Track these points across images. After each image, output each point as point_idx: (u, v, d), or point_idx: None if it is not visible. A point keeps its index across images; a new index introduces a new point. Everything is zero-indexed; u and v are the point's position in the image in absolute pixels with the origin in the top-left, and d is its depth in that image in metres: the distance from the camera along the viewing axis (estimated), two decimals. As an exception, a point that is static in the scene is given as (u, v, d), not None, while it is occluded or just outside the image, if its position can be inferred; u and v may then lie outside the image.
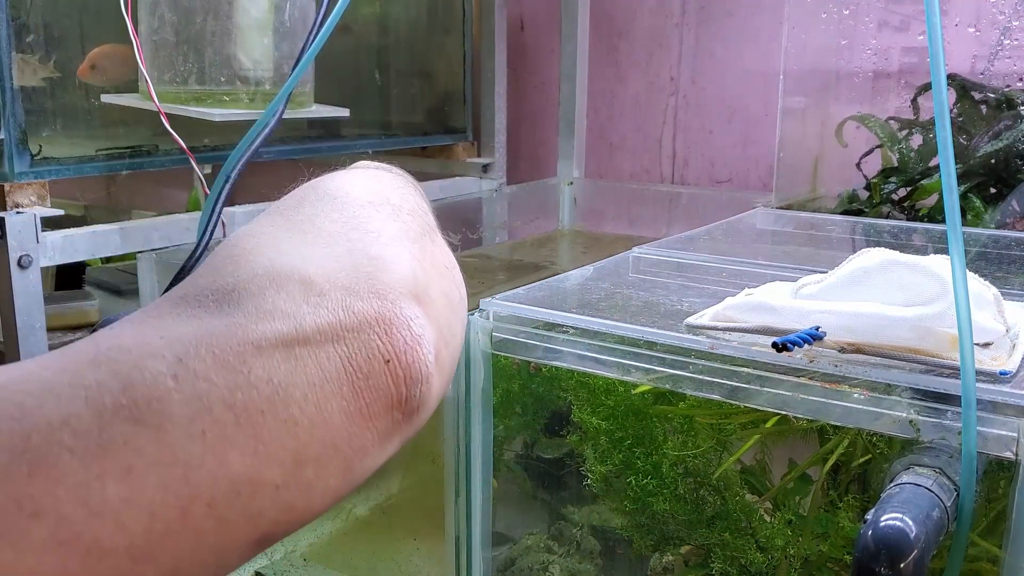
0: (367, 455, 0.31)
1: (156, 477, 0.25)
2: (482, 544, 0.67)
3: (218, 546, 0.26)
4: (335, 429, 0.29)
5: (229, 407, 0.27)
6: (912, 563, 0.41)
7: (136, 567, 0.24)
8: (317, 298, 0.31)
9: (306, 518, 0.29)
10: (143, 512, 0.24)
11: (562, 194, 1.53)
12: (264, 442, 0.27)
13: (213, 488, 0.26)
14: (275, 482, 0.27)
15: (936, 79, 0.46)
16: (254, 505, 0.27)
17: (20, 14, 0.87)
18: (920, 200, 1.09)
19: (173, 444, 0.25)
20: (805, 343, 0.50)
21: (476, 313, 0.64)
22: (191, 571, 0.26)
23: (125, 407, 0.25)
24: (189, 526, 0.25)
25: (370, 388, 0.30)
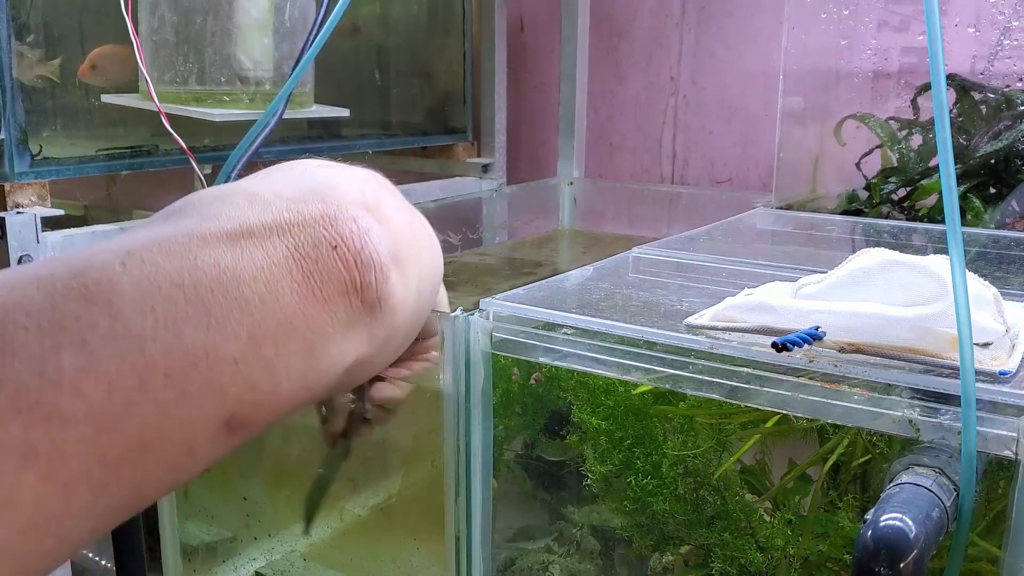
0: (329, 340, 0.31)
1: (110, 349, 0.26)
2: (482, 544, 0.67)
3: (184, 421, 0.27)
4: (288, 308, 0.30)
5: (178, 286, 0.28)
6: (912, 563, 0.41)
7: (101, 436, 0.25)
8: (262, 205, 0.32)
9: (276, 402, 0.30)
10: (100, 381, 0.25)
11: (562, 194, 1.53)
12: (216, 317, 0.28)
13: (168, 359, 0.26)
14: (232, 356, 0.28)
15: (936, 79, 0.46)
16: (214, 378, 0.27)
17: (20, 14, 0.87)
18: (920, 200, 1.09)
19: (125, 319, 0.26)
20: (805, 343, 0.50)
21: (476, 313, 0.64)
22: (160, 447, 0.27)
23: (75, 288, 0.26)
24: (150, 396, 0.26)
25: (319, 271, 0.31)
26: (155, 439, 0.26)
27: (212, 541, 0.98)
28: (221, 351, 0.28)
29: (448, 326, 0.62)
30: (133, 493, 0.27)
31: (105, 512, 0.26)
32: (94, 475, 0.25)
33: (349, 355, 0.33)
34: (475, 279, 1.19)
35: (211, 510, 0.97)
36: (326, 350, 0.31)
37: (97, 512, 0.26)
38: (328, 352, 0.32)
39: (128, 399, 0.26)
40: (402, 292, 0.35)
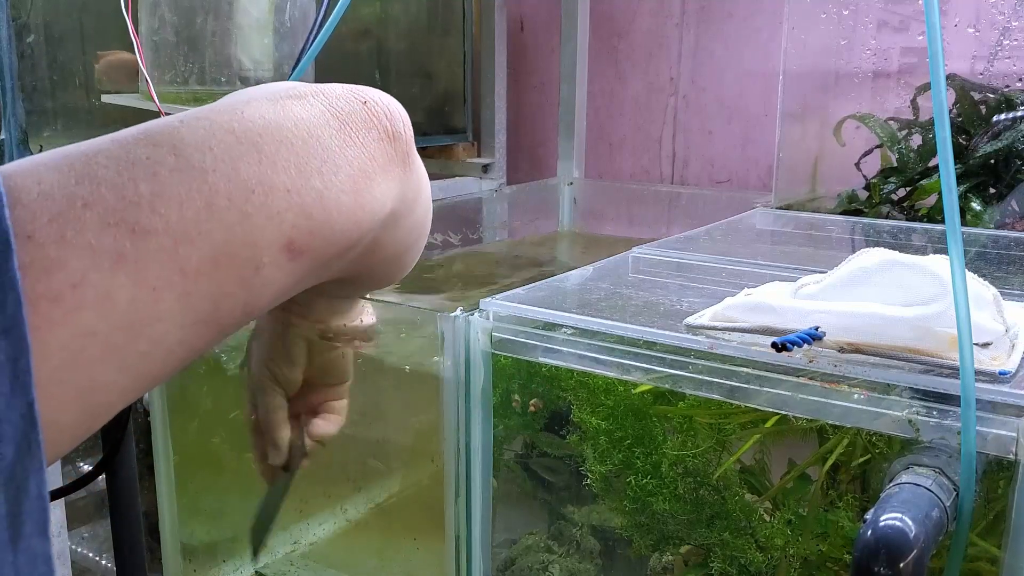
0: (371, 180, 0.36)
1: (177, 178, 0.30)
2: (482, 544, 0.67)
3: (248, 240, 0.31)
4: (330, 149, 0.34)
5: (230, 132, 0.32)
6: (911, 563, 0.41)
7: (178, 247, 0.29)
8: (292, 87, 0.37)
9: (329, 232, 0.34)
10: (172, 203, 0.29)
11: (562, 194, 1.53)
12: (266, 154, 0.32)
13: (228, 186, 0.31)
14: (285, 186, 0.32)
15: (936, 79, 0.46)
16: (271, 204, 0.32)
17: (20, 14, 0.87)
18: (920, 200, 1.09)
19: (187, 156, 0.31)
20: (805, 343, 0.50)
21: (476, 313, 0.64)
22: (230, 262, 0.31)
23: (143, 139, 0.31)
24: (216, 217, 0.30)
25: (354, 121, 0.36)
26: (225, 254, 0.31)
27: (212, 541, 0.99)
28: (274, 181, 0.32)
29: (448, 326, 0.62)
30: (212, 306, 0.31)
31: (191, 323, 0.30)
32: (176, 282, 0.29)
33: (388, 202, 0.37)
34: (474, 279, 1.19)
35: (211, 510, 0.97)
36: (369, 189, 0.36)
37: (183, 322, 0.30)
38: (372, 192, 0.36)
39: (197, 217, 0.30)
40: (419, 161, 0.40)
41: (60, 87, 0.94)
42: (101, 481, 0.77)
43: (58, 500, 1.01)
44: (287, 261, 0.33)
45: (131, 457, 0.76)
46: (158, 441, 0.93)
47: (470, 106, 1.52)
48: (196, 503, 0.96)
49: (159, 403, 0.93)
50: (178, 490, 0.95)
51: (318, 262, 0.35)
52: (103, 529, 1.30)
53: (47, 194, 0.28)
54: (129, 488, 0.76)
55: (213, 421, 0.97)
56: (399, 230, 0.41)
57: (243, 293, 0.32)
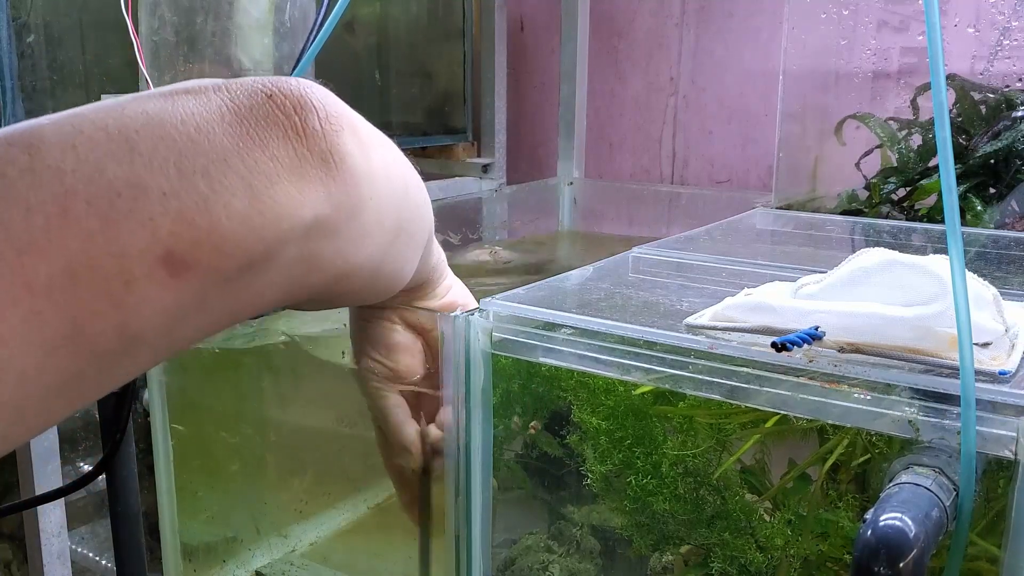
0: (273, 183, 0.31)
1: (28, 179, 0.26)
2: (482, 544, 0.67)
3: (113, 250, 0.27)
4: (221, 148, 0.30)
5: (102, 128, 0.28)
6: (911, 563, 0.41)
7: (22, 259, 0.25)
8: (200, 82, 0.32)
9: (218, 242, 0.29)
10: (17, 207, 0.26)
11: (562, 194, 1.53)
12: (140, 152, 0.28)
13: (88, 188, 0.27)
14: (161, 189, 0.28)
15: (935, 79, 0.46)
16: (140, 209, 0.27)
17: (20, 14, 0.87)
18: (920, 200, 1.09)
19: (43, 155, 0.27)
20: (804, 343, 0.50)
21: (476, 313, 0.64)
22: (91, 275, 0.27)
23: (3, 138, 0.27)
24: (71, 223, 0.26)
25: (253, 116, 0.31)
26: (84, 267, 0.26)
27: (212, 541, 0.99)
28: (147, 183, 0.28)
29: (448, 326, 0.62)
30: (73, 328, 0.27)
31: (48, 348, 0.26)
32: (22, 298, 0.25)
33: (304, 208, 0.32)
34: (474, 279, 1.19)
35: (211, 510, 0.97)
36: (270, 194, 0.31)
37: (37, 346, 0.26)
38: (273, 196, 0.31)
39: (48, 225, 0.26)
40: (362, 160, 0.35)
41: (60, 87, 0.94)
42: (101, 481, 0.77)
43: (58, 500, 1.01)
44: (167, 276, 0.28)
45: (131, 457, 0.76)
46: (158, 441, 0.93)
47: (470, 106, 1.52)
48: (196, 503, 0.96)
49: (159, 403, 0.93)
50: (178, 490, 0.95)
51: (214, 279, 0.30)
52: (103, 529, 1.30)
53: None
54: (129, 488, 0.76)
55: (213, 421, 0.97)
56: (341, 240, 0.35)
57: (114, 313, 0.27)
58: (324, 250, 0.34)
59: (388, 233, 0.38)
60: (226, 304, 0.31)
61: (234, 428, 0.97)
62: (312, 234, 0.33)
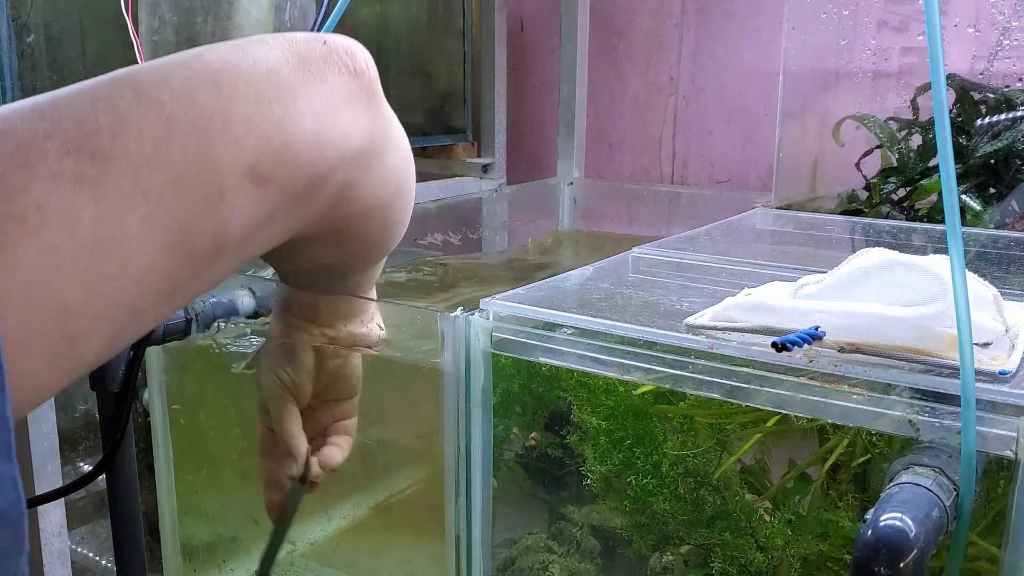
0: (333, 112, 0.36)
1: (136, 109, 0.31)
2: (482, 544, 0.67)
3: (209, 164, 0.32)
4: (289, 82, 0.35)
5: (188, 69, 0.33)
6: (912, 563, 0.41)
7: (139, 171, 0.30)
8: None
9: (291, 159, 0.34)
10: (131, 130, 0.31)
11: (562, 194, 1.53)
12: (223, 87, 0.33)
13: (187, 115, 0.32)
14: (244, 114, 0.33)
15: (936, 79, 0.46)
16: (229, 131, 0.33)
17: (20, 14, 0.87)
18: (919, 200, 1.09)
19: (145, 91, 0.32)
20: (805, 343, 0.50)
21: (476, 313, 0.64)
22: (193, 186, 0.32)
23: (105, 81, 0.32)
24: (175, 142, 0.31)
25: (313, 58, 0.37)
26: (187, 178, 0.31)
27: (212, 541, 0.98)
28: (232, 110, 0.33)
29: (448, 326, 0.62)
30: (179, 232, 0.31)
31: (158, 249, 0.31)
32: (139, 205, 0.30)
33: (355, 136, 0.37)
34: (474, 279, 1.19)
35: (211, 510, 0.97)
36: (331, 120, 0.36)
37: (150, 247, 0.31)
38: (333, 123, 0.36)
39: (156, 143, 0.31)
40: (389, 115, 0.41)
41: (60, 87, 0.94)
42: (101, 481, 0.77)
43: (58, 500, 1.01)
44: (252, 187, 0.33)
45: (131, 457, 0.76)
46: (158, 441, 0.93)
47: (470, 106, 1.52)
48: (196, 503, 0.96)
49: (159, 403, 0.93)
50: (178, 490, 0.95)
51: (287, 193, 0.35)
52: (103, 529, 1.30)
53: (11, 130, 0.29)
54: (129, 488, 0.76)
55: (213, 421, 0.97)
56: (372, 174, 0.40)
57: (210, 220, 0.32)
58: (359, 180, 0.39)
59: (400, 181, 0.44)
60: (288, 219, 0.37)
61: (234, 428, 0.97)
62: (355, 161, 0.38)
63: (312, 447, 0.57)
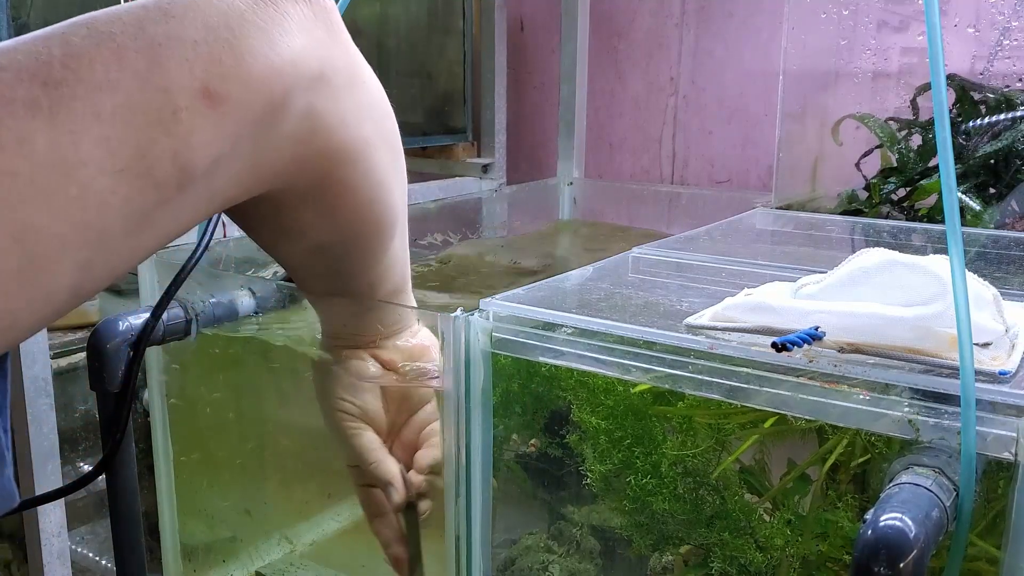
0: (286, 33, 0.37)
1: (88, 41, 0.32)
2: (482, 544, 0.67)
3: (161, 86, 0.33)
4: (239, 8, 0.35)
5: (140, 6, 0.34)
6: (911, 563, 0.41)
7: (92, 95, 0.31)
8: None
9: (244, 76, 0.35)
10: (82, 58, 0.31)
11: (562, 194, 1.53)
12: (173, 15, 0.34)
13: (136, 43, 0.33)
14: (192, 38, 0.34)
15: (935, 79, 0.46)
16: (177, 53, 0.33)
17: (20, 14, 0.87)
18: (920, 200, 1.09)
19: (97, 27, 0.33)
20: (804, 343, 0.50)
21: (476, 313, 0.64)
22: (147, 106, 0.32)
23: (62, 24, 0.33)
24: (126, 67, 0.32)
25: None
26: (139, 100, 0.32)
27: (212, 541, 0.99)
28: (181, 35, 0.34)
29: (448, 326, 0.62)
30: (137, 153, 0.32)
31: (117, 169, 0.31)
32: (92, 127, 0.31)
33: (312, 58, 0.38)
34: (474, 279, 1.19)
35: (211, 510, 0.97)
36: (285, 40, 0.36)
37: (109, 168, 0.31)
38: (287, 42, 0.37)
39: (107, 69, 0.32)
40: (353, 44, 0.41)
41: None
42: (101, 481, 0.77)
43: (58, 500, 1.01)
44: (207, 108, 0.34)
45: (131, 457, 0.76)
46: (158, 441, 0.93)
47: (470, 106, 1.52)
48: (196, 503, 0.96)
49: (159, 403, 0.93)
50: (178, 490, 0.95)
51: (245, 114, 0.35)
52: (103, 529, 1.30)
53: None
54: (129, 488, 0.76)
55: (213, 421, 0.97)
56: (340, 105, 0.40)
57: (167, 140, 0.33)
58: (326, 110, 0.39)
59: (379, 125, 0.43)
60: (254, 149, 0.37)
61: (234, 428, 0.97)
62: (317, 87, 0.38)
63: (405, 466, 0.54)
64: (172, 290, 0.66)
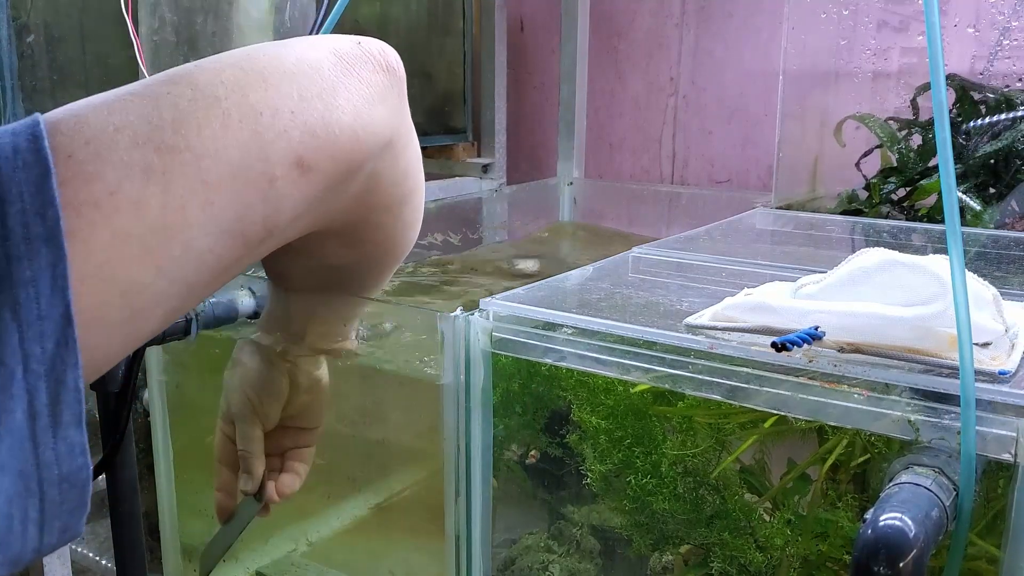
0: (370, 104, 0.39)
1: (195, 106, 0.34)
2: (482, 544, 0.67)
3: (261, 155, 0.35)
4: (329, 79, 0.38)
5: (239, 68, 0.36)
6: (911, 563, 0.41)
7: (200, 161, 0.33)
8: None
9: (333, 148, 0.37)
10: (191, 124, 0.34)
11: (562, 194, 1.53)
12: (271, 84, 0.36)
13: (239, 110, 0.35)
14: (290, 108, 0.36)
15: (935, 79, 0.46)
16: (278, 124, 0.36)
17: (20, 14, 0.87)
18: (919, 200, 1.09)
19: (202, 89, 0.35)
20: (804, 343, 0.50)
21: (476, 313, 0.64)
22: (246, 175, 0.34)
23: (165, 80, 0.35)
24: (231, 135, 0.34)
25: (351, 56, 0.40)
26: (241, 167, 0.34)
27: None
28: (279, 105, 0.36)
29: (448, 326, 0.62)
30: (235, 216, 0.34)
31: (217, 232, 0.34)
32: (199, 192, 0.33)
33: (387, 128, 0.41)
34: (473, 279, 1.19)
35: (211, 510, 0.97)
36: (368, 112, 0.39)
37: (210, 230, 0.33)
38: (370, 114, 0.39)
39: (214, 136, 0.34)
40: (408, 115, 0.44)
41: (60, 87, 0.94)
42: (101, 481, 0.77)
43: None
44: (299, 176, 0.36)
45: (131, 457, 0.76)
46: (158, 441, 0.93)
47: (470, 106, 1.52)
48: (196, 503, 0.96)
49: (159, 403, 0.93)
50: (178, 490, 0.95)
51: (328, 181, 0.38)
52: (103, 529, 1.30)
53: (84, 123, 0.32)
54: (129, 488, 0.76)
55: (213, 421, 0.97)
56: (397, 166, 0.43)
57: (262, 205, 0.35)
58: (386, 171, 0.42)
59: (417, 178, 0.47)
60: (324, 207, 0.39)
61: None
62: (384, 153, 0.41)
63: (268, 467, 0.58)
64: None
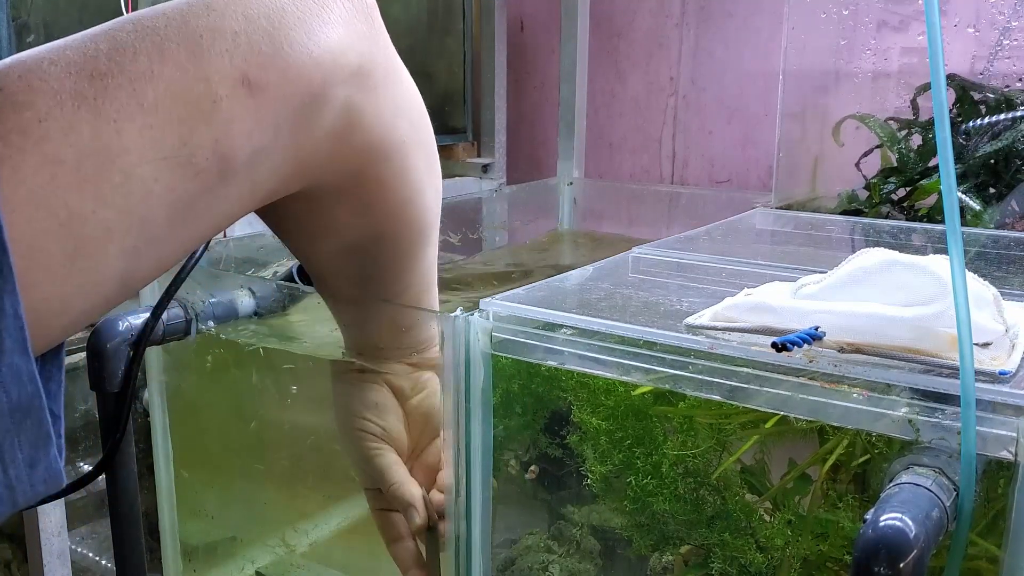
0: (325, 23, 0.37)
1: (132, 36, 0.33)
2: (482, 544, 0.67)
3: (199, 75, 0.33)
4: (281, 2, 0.36)
5: (185, 3, 0.35)
6: (912, 563, 0.41)
7: (133, 85, 0.32)
8: None
9: (282, 65, 0.35)
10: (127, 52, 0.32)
11: (562, 194, 1.53)
12: (215, 8, 0.35)
13: (179, 35, 0.34)
14: (232, 29, 0.35)
15: (936, 79, 0.46)
16: (218, 44, 0.34)
17: (20, 14, 0.87)
18: (919, 200, 1.09)
19: (143, 23, 0.34)
20: (805, 343, 0.50)
21: (476, 313, 0.64)
22: (185, 96, 0.33)
23: (109, 23, 0.34)
24: (168, 60, 0.33)
25: None
26: (180, 89, 0.33)
27: (212, 541, 0.99)
28: (222, 27, 0.34)
29: (448, 326, 0.62)
30: (179, 141, 0.33)
31: (160, 157, 0.32)
32: (135, 115, 0.32)
33: (351, 52, 0.38)
34: (473, 278, 1.19)
35: (211, 510, 0.97)
36: (324, 31, 0.37)
37: (152, 155, 0.32)
38: (327, 34, 0.37)
39: (150, 60, 0.33)
40: (391, 48, 0.41)
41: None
42: (101, 481, 0.77)
43: (58, 500, 1.01)
44: (246, 96, 0.34)
45: (131, 457, 0.76)
46: (158, 441, 0.93)
47: (470, 106, 1.52)
48: (196, 503, 0.96)
49: (159, 403, 0.93)
50: (178, 490, 0.95)
51: (284, 104, 0.35)
52: (103, 529, 1.30)
53: (19, 61, 0.32)
54: (129, 488, 0.76)
55: (213, 421, 0.97)
56: (378, 100, 0.40)
57: (208, 129, 0.33)
58: (364, 104, 0.39)
59: (415, 122, 0.44)
60: (293, 140, 0.37)
61: (234, 428, 0.97)
62: (356, 81, 0.38)
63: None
64: (172, 290, 0.66)
